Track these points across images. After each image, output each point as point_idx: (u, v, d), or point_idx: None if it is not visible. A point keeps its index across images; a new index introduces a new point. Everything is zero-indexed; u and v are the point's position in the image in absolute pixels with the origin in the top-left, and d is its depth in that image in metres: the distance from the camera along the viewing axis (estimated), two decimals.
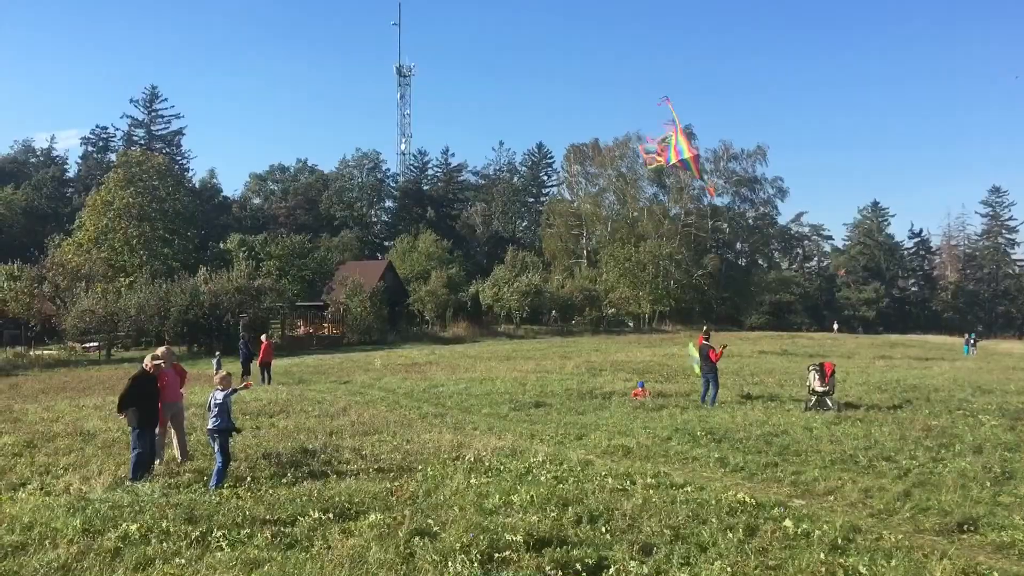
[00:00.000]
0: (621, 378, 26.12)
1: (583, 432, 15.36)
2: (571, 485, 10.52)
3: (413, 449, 13.23)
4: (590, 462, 12.24)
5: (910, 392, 22.34)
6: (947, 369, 31.80)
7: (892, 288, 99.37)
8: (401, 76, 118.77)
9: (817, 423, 16.24)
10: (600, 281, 78.67)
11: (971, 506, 9.67)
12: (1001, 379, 27.11)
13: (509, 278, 68.88)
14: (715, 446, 13.71)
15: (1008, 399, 20.79)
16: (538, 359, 35.57)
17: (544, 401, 20.17)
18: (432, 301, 65.81)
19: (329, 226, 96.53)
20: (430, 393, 22.29)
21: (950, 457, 12.70)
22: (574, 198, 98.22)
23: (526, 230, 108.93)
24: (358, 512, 9.14)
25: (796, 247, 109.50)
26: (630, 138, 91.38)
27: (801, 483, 11.11)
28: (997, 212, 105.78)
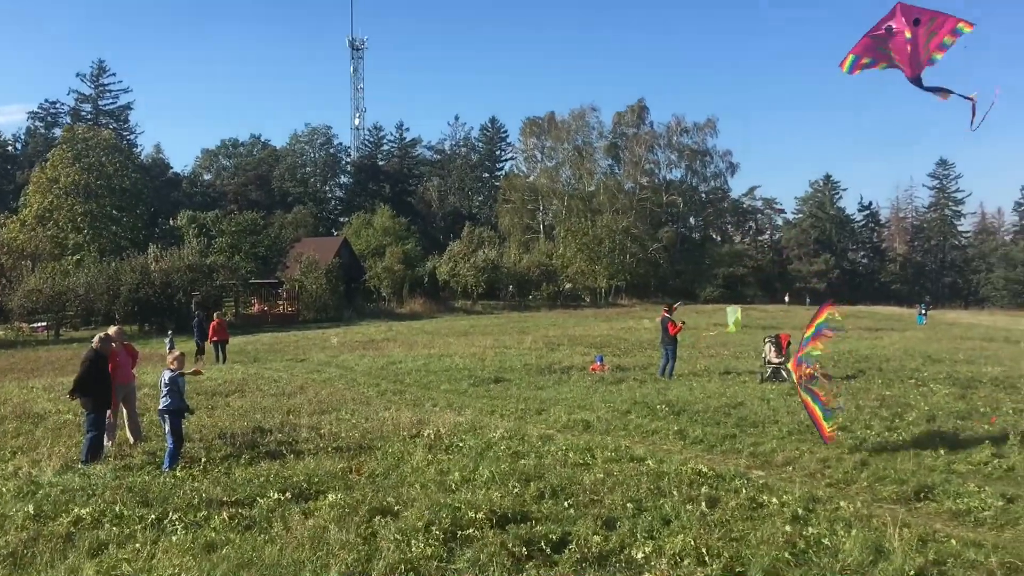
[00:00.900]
0: (579, 352, 26.19)
1: (543, 407, 15.35)
2: (532, 460, 10.49)
3: (372, 427, 13.10)
4: (550, 437, 12.22)
5: (863, 362, 22.72)
6: (897, 339, 32.43)
7: (843, 260, 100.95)
8: (354, 50, 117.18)
9: (773, 394, 16.45)
10: (557, 256, 78.86)
11: (926, 474, 9.83)
12: (950, 348, 27.71)
13: (466, 253, 68.67)
14: (674, 418, 13.78)
15: (957, 368, 21.26)
16: (496, 334, 35.53)
17: (503, 376, 20.14)
18: (389, 277, 65.41)
19: (283, 202, 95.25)
20: (388, 370, 22.13)
21: (904, 426, 12.93)
22: (530, 173, 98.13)
23: (482, 205, 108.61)
24: (317, 492, 9.01)
25: (749, 221, 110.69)
26: (585, 111, 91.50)
27: (760, 454, 11.21)
28: (944, 185, 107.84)
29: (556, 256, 78.78)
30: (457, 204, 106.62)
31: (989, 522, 8.11)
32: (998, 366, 21.74)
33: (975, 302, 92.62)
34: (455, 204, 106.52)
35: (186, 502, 8.55)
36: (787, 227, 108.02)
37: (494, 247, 73.54)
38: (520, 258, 76.79)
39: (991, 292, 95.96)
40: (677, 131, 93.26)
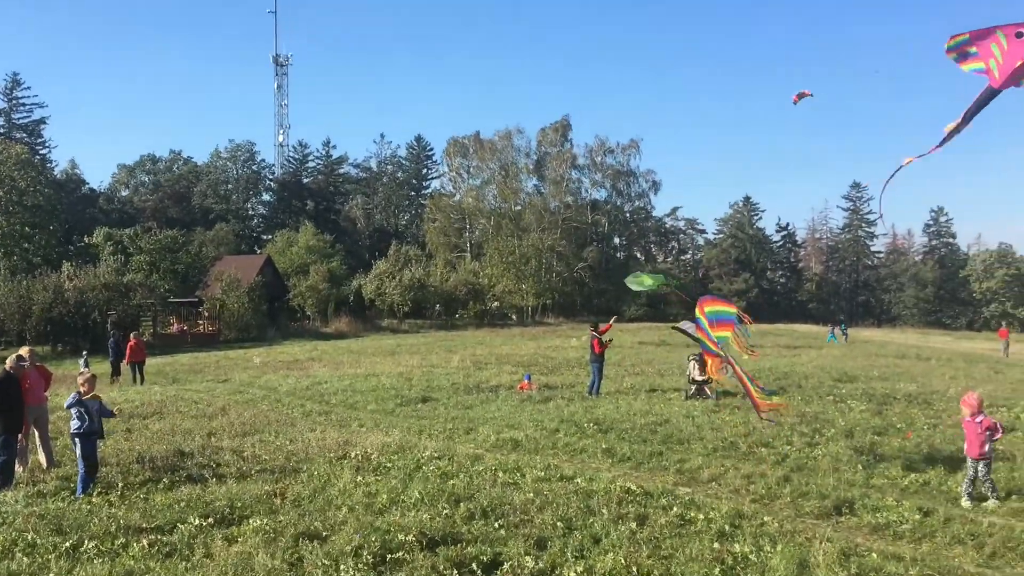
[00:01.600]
0: (507, 371, 26.19)
1: (471, 426, 15.29)
2: (461, 480, 10.43)
3: (297, 449, 12.85)
4: (480, 456, 12.17)
5: (783, 379, 23.26)
6: (815, 357, 33.29)
7: (761, 279, 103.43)
8: (278, 66, 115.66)
9: (698, 411, 16.71)
10: (484, 274, 78.92)
11: (846, 489, 10.09)
12: (865, 366, 28.57)
13: (392, 272, 68.20)
14: (602, 436, 13.88)
15: (873, 385, 21.93)
16: (423, 353, 35.32)
17: (431, 396, 20.00)
18: (313, 296, 64.46)
19: (204, 219, 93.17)
20: (313, 390, 21.77)
21: (824, 442, 13.26)
22: (456, 192, 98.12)
23: (409, 223, 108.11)
24: (241, 517, 8.79)
25: (672, 240, 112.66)
26: (511, 132, 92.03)
27: (686, 471, 11.35)
28: (857, 207, 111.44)
29: (483, 275, 78.85)
30: (383, 222, 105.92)
31: (907, 535, 8.35)
32: (911, 383, 22.50)
33: (887, 320, 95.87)
34: (381, 222, 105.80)
35: (103, 529, 8.23)
36: (708, 247, 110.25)
37: (421, 265, 73.19)
38: (447, 277, 76.60)
39: (902, 311, 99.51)
40: (601, 151, 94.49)
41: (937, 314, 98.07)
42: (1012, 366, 30.03)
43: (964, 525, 8.60)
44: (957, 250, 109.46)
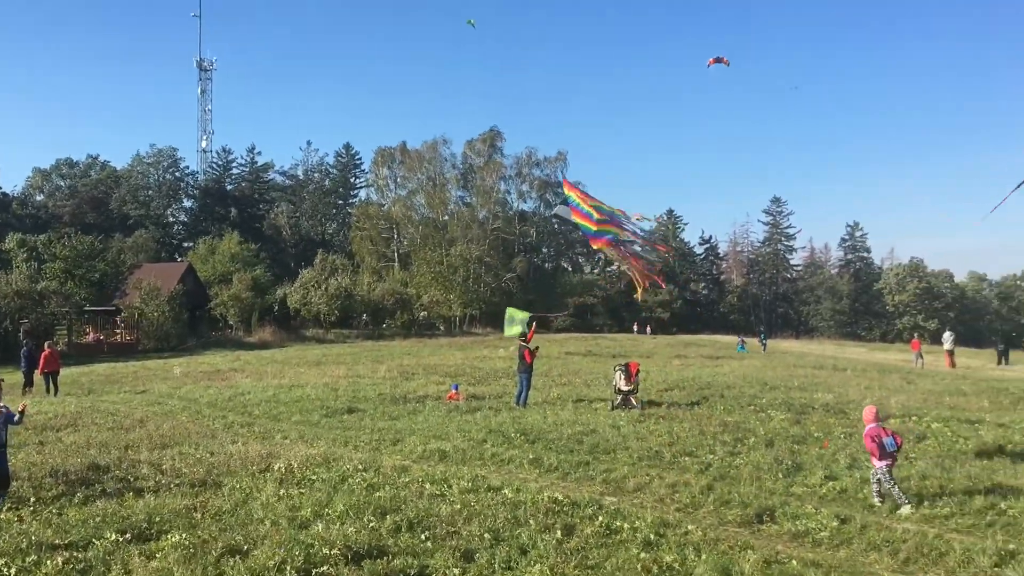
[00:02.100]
0: (434, 381, 26.07)
1: (398, 437, 15.17)
2: (388, 492, 10.34)
3: (218, 461, 12.56)
4: (406, 468, 12.08)
5: (705, 389, 23.66)
6: (736, 367, 33.95)
7: (685, 291, 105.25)
8: (202, 70, 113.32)
9: (624, 421, 16.88)
10: (412, 284, 78.53)
11: (767, 497, 10.32)
12: (785, 376, 29.26)
13: (318, 281, 67.32)
14: (529, 447, 13.92)
15: (792, 395, 22.48)
16: (349, 364, 34.91)
17: (357, 407, 19.78)
18: (236, 305, 63.17)
19: (123, 226, 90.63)
20: (235, 402, 21.31)
21: (745, 451, 13.54)
22: (384, 201, 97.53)
23: (336, 232, 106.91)
24: (159, 532, 8.55)
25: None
26: (438, 142, 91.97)
27: (612, 480, 11.46)
28: (777, 221, 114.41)
29: (411, 284, 78.46)
30: (310, 230, 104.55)
31: (826, 542, 8.58)
32: (828, 392, 23.12)
33: (805, 332, 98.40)
34: (307, 230, 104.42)
35: (13, 546, 7.92)
36: None
37: (347, 275, 72.43)
38: (374, 286, 75.99)
39: (820, 323, 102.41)
40: (529, 163, 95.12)
41: (852, 326, 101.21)
42: (923, 376, 31.10)
43: (880, 532, 8.87)
44: (871, 264, 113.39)
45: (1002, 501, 10.33)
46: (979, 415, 18.53)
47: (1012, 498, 10.49)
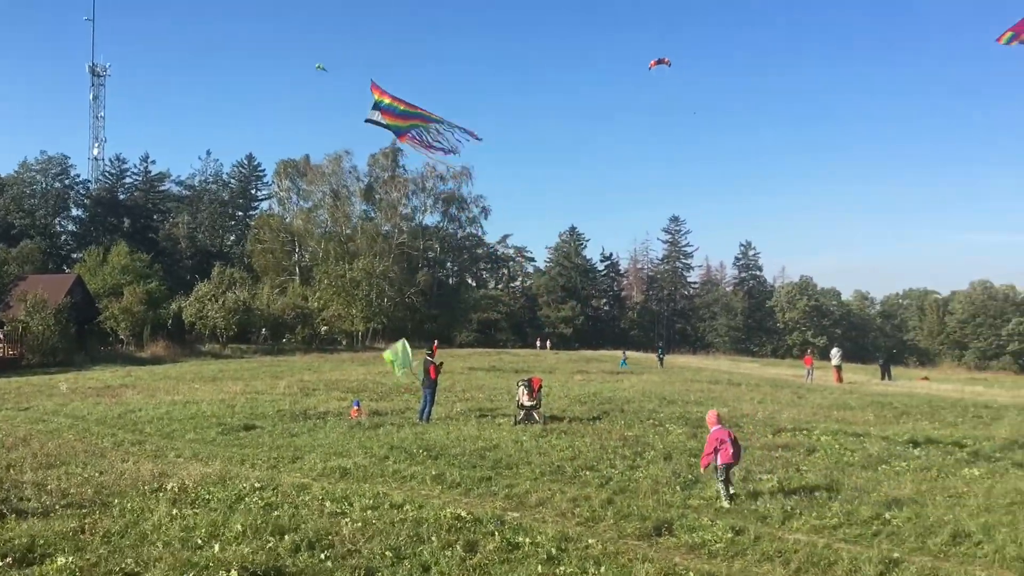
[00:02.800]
0: (335, 397, 25.69)
1: (298, 455, 14.88)
2: (286, 511, 10.12)
3: (108, 481, 12.06)
4: (306, 486, 11.86)
5: (606, 404, 24.03)
6: (636, 382, 34.60)
7: (587, 307, 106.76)
8: (95, 76, 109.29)
9: (526, 436, 16.98)
10: (313, 298, 77.19)
11: (665, 510, 10.54)
12: (682, 391, 29.97)
13: (215, 294, 65.52)
14: (432, 463, 13.85)
15: (689, 409, 23.03)
16: (247, 379, 34.05)
17: (254, 424, 19.30)
18: (128, 319, 60.83)
19: (6, 236, 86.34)
20: (126, 419, 20.51)
21: (644, 464, 13.80)
22: (286, 214, 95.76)
23: (235, 244, 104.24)
24: (43, 555, 8.16)
25: (502, 267, 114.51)
26: (340, 155, 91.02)
27: (515, 496, 11.50)
28: (676, 239, 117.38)
29: (312, 298, 77.13)
30: (207, 242, 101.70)
31: (721, 554, 8.81)
32: (723, 407, 23.74)
33: (702, 347, 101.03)
34: (205, 242, 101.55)
35: None
36: (537, 274, 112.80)
37: (246, 288, 70.74)
38: (274, 300, 74.42)
39: (715, 338, 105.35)
40: (433, 177, 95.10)
41: (746, 341, 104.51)
42: (813, 391, 32.30)
43: (772, 543, 9.16)
44: (764, 282, 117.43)
45: (886, 511, 10.81)
46: (865, 428, 19.36)
47: (896, 508, 10.99)
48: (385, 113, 13.06)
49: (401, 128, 13.27)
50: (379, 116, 13.42)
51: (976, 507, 11.16)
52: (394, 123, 13.18)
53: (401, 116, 13.12)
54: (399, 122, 13.09)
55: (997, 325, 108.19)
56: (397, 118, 13.08)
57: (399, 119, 13.07)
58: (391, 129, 13.64)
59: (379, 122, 13.52)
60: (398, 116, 13.09)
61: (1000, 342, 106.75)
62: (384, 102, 13.03)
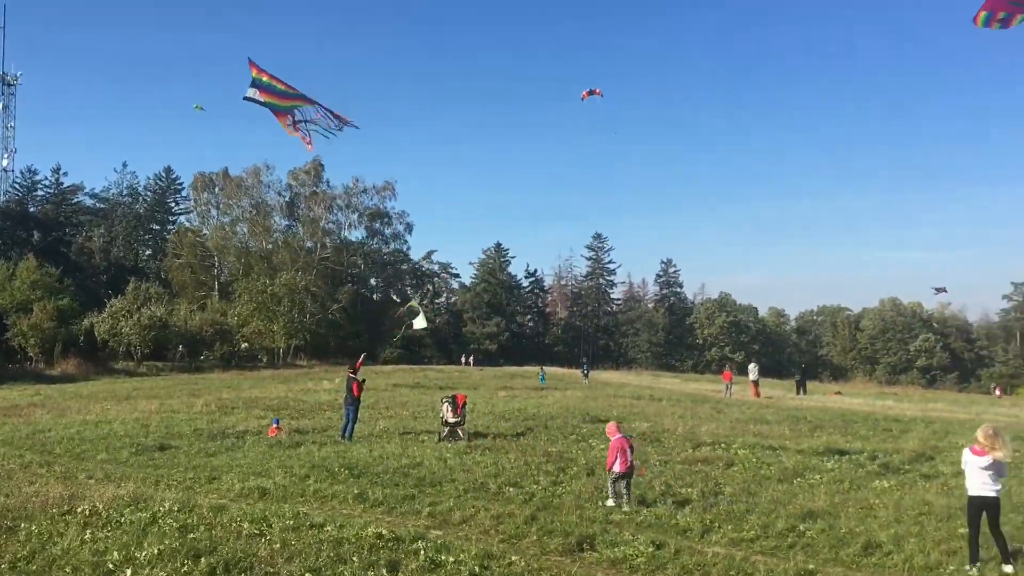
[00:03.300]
0: (255, 416, 25.21)
1: (215, 475, 14.53)
2: (202, 533, 9.86)
3: (14, 504, 11.55)
4: (223, 507, 11.57)
5: (530, 420, 24.13)
6: (560, 398, 34.81)
7: (512, 323, 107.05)
8: (5, 85, 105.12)
9: (450, 453, 16.92)
10: (233, 314, 75.52)
11: (588, 525, 10.62)
12: (605, 406, 30.27)
13: (130, 310, 63.66)
14: (354, 481, 13.70)
15: None
16: (163, 398, 33.13)
17: (170, 443, 18.79)
18: (37, 336, 58.63)
19: None
20: (34, 439, 19.74)
21: (568, 480, 13.89)
22: (204, 228, 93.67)
23: (151, 259, 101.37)
24: None
25: (427, 283, 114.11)
26: (260, 168, 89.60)
27: (438, 513, 11.45)
28: (599, 256, 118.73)
29: (232, 314, 75.47)
30: (122, 257, 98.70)
31: (642, 568, 8.92)
32: (645, 422, 24.11)
33: (625, 363, 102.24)
34: (120, 257, 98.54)
35: None
36: (462, 291, 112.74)
37: (163, 304, 68.88)
38: (192, 316, 72.63)
39: (638, 354, 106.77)
40: (357, 192, 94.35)
41: (667, 357, 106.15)
42: (732, 406, 33.00)
43: (692, 556, 9.31)
44: (684, 299, 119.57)
45: (801, 524, 11.10)
46: (781, 442, 19.85)
47: (810, 520, 11.30)
48: (263, 91, 13.05)
49: (280, 107, 13.28)
50: (257, 94, 13.35)
51: (886, 518, 11.54)
52: (272, 101, 13.18)
53: (280, 95, 13.16)
54: (277, 100, 13.11)
55: (906, 341, 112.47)
56: (276, 97, 13.09)
57: (278, 98, 13.09)
58: (269, 107, 13.59)
59: (257, 100, 13.44)
60: (277, 95, 13.12)
61: (908, 357, 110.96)
62: (263, 80, 13.03)
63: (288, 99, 13.37)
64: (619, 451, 12.19)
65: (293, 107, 13.45)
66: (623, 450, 12.22)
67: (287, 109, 13.44)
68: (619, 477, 12.20)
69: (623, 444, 12.32)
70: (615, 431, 12.75)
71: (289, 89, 13.52)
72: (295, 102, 13.50)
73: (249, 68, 13.21)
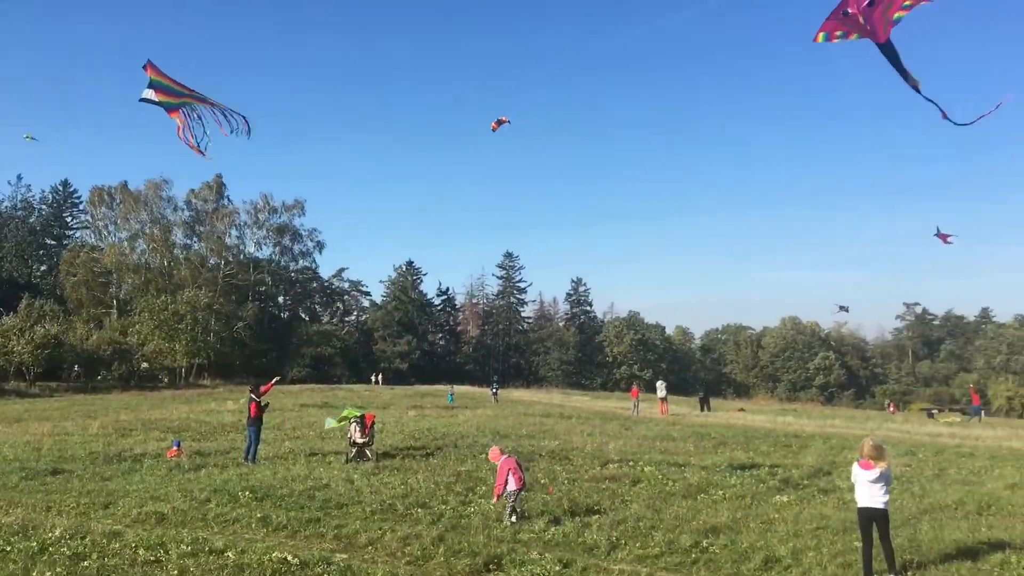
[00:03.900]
0: (155, 437, 24.40)
1: (110, 500, 13.98)
2: (96, 561, 9.50)
3: None
4: (119, 533, 11.15)
5: (440, 440, 23.98)
6: (471, 417, 34.73)
7: (423, 342, 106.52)
8: None
9: (358, 475, 16.69)
10: (132, 332, 72.99)
11: (496, 545, 10.60)
12: (515, 424, 30.33)
13: (22, 328, 60.92)
14: (257, 505, 13.37)
15: (521, 442, 23.33)
16: (56, 420, 31.74)
17: (63, 467, 17.99)
18: None
19: None
20: None
21: (476, 499, 13.85)
22: (102, 243, 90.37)
23: (46, 275, 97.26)
24: None
25: (337, 301, 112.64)
26: (160, 183, 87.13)
27: (344, 536, 11.27)
28: (510, 275, 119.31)
29: (132, 333, 72.91)
30: (14, 273, 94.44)
31: None
32: (554, 440, 24.22)
33: (536, 381, 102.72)
34: (12, 273, 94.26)
35: None
36: (373, 309, 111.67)
37: (58, 322, 66.14)
38: (90, 335, 69.93)
39: (548, 372, 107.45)
40: (265, 209, 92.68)
41: (577, 375, 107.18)
42: (639, 423, 33.48)
43: (598, 574, 9.40)
44: (594, 317, 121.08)
45: (705, 539, 11.32)
46: (686, 458, 20.23)
47: (713, 536, 11.54)
48: (159, 91, 12.86)
49: (172, 104, 13.08)
50: (152, 95, 13.14)
51: (785, 532, 11.86)
52: (166, 100, 12.98)
53: (174, 94, 12.98)
54: (171, 99, 12.92)
55: (805, 359, 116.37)
56: (170, 96, 12.90)
57: (171, 96, 12.90)
58: (163, 106, 13.37)
59: (152, 100, 13.23)
60: (171, 94, 12.93)
61: (808, 375, 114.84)
62: (161, 82, 12.86)
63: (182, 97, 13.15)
64: (509, 471, 12.32)
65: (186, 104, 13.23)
66: (513, 469, 12.35)
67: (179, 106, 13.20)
68: (517, 493, 12.30)
69: (510, 464, 12.47)
70: (499, 455, 12.85)
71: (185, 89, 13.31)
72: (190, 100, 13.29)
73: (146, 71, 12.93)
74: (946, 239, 30.68)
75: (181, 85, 13.26)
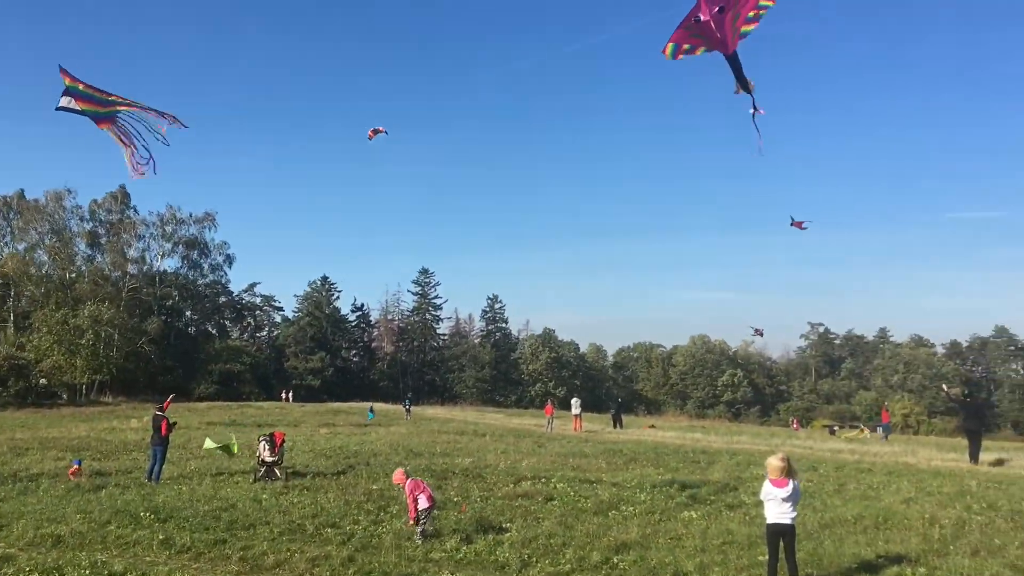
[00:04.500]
0: (52, 457, 23.44)
1: (3, 522, 13.36)
2: None
3: None
4: (11, 557, 10.71)
5: (352, 458, 23.70)
6: (384, 434, 34.42)
7: (337, 358, 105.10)
8: None
9: (266, 494, 16.36)
10: (30, 348, 69.93)
11: (407, 565, 10.53)
12: (429, 442, 30.18)
13: None
14: (160, 526, 12.97)
15: (435, 460, 23.24)
16: None
17: None
18: None
19: None
20: None
21: (388, 519, 13.73)
22: None
23: None
24: None
25: (248, 317, 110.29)
26: (62, 193, 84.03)
27: (250, 558, 11.02)
28: (426, 291, 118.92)
29: (29, 348, 69.85)
30: None
31: None
32: (468, 457, 24.21)
33: (450, 398, 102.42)
34: None
35: None
36: (285, 324, 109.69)
37: None
38: None
39: (463, 389, 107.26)
40: (173, 221, 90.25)
41: (492, 392, 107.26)
42: (553, 440, 33.69)
43: None
44: (510, 335, 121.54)
45: (615, 556, 11.45)
46: (598, 475, 20.43)
47: (623, 552, 11.68)
48: (79, 99, 12.36)
49: (100, 113, 12.57)
50: (72, 102, 12.65)
51: (693, 548, 12.09)
52: (91, 109, 12.48)
53: (98, 102, 12.48)
54: (96, 108, 12.42)
55: (713, 376, 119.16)
56: (94, 104, 12.40)
57: (96, 105, 12.40)
58: (88, 115, 12.83)
59: (72, 108, 12.72)
60: (94, 102, 12.43)
61: (716, 392, 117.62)
62: (78, 88, 12.36)
63: (108, 105, 12.62)
64: (419, 491, 12.35)
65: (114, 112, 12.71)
66: (421, 489, 12.41)
67: (108, 115, 12.70)
68: (428, 512, 12.32)
69: (417, 485, 12.49)
70: (403, 477, 12.72)
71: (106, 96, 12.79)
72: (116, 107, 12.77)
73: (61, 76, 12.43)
74: (800, 225, 34.16)
75: (102, 92, 12.75)
